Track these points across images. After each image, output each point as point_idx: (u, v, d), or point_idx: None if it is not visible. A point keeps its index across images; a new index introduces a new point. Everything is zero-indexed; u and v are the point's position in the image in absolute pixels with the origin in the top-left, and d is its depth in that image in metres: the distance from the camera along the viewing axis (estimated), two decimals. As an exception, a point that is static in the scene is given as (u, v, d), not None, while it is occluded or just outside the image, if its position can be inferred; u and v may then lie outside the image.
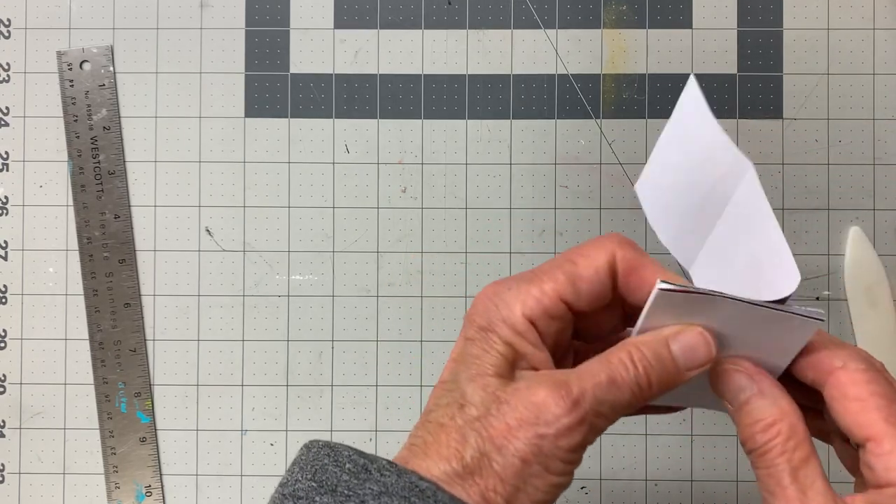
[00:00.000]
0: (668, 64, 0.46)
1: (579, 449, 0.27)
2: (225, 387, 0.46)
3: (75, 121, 0.47)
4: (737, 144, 0.28)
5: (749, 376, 0.28)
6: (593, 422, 0.27)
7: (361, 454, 0.27)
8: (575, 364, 0.28)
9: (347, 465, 0.27)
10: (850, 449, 0.30)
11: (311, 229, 0.47)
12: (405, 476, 0.26)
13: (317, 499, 0.26)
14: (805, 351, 0.29)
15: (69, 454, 0.47)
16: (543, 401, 0.26)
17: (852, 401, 0.27)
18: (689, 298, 0.27)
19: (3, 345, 0.47)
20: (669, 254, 0.31)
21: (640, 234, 0.46)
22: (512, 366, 0.28)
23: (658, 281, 0.27)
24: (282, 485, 0.28)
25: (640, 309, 0.28)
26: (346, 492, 0.26)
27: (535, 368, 0.28)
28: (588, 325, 0.31)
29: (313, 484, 0.27)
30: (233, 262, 0.47)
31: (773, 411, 0.27)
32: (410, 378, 0.46)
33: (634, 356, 0.28)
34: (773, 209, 0.27)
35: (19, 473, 0.47)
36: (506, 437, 0.26)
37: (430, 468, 0.27)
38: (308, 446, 0.29)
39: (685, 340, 0.28)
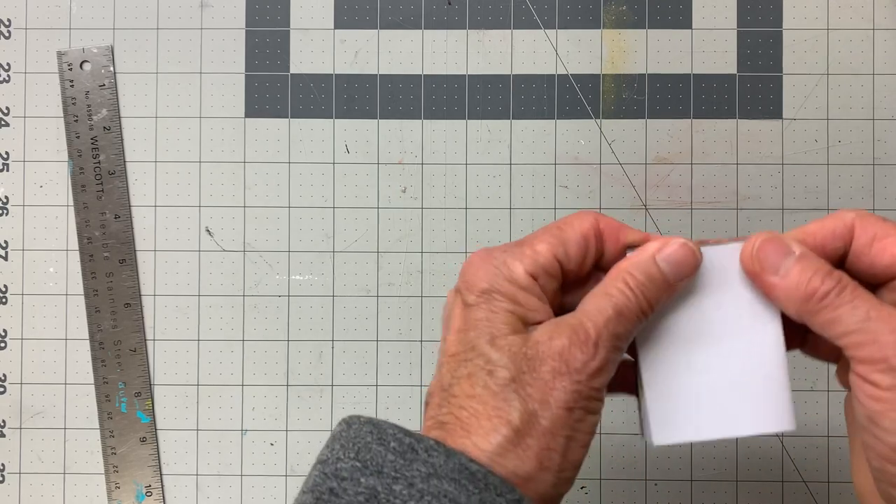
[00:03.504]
0: (667, 64, 0.46)
1: (606, 383, 0.28)
2: (225, 387, 0.46)
3: (75, 121, 0.47)
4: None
5: (786, 245, 0.28)
6: (613, 357, 0.28)
7: (407, 433, 0.26)
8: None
9: (392, 444, 0.26)
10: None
11: (311, 229, 0.47)
12: (454, 457, 0.26)
13: (362, 480, 0.25)
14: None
15: (69, 454, 0.47)
16: (568, 349, 0.27)
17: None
18: None
19: (3, 345, 0.47)
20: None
21: (639, 234, 0.46)
22: (523, 322, 0.28)
23: (627, 249, 0.30)
24: (321, 462, 0.27)
25: None
26: (392, 473, 0.25)
27: (541, 322, 0.29)
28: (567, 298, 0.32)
29: (357, 463, 0.26)
30: (233, 262, 0.47)
31: (820, 264, 0.28)
32: (410, 378, 0.46)
33: (631, 283, 0.28)
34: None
35: (19, 473, 0.47)
36: (546, 391, 0.27)
37: (479, 443, 0.26)
38: (348, 422, 0.28)
39: (670, 254, 0.29)
